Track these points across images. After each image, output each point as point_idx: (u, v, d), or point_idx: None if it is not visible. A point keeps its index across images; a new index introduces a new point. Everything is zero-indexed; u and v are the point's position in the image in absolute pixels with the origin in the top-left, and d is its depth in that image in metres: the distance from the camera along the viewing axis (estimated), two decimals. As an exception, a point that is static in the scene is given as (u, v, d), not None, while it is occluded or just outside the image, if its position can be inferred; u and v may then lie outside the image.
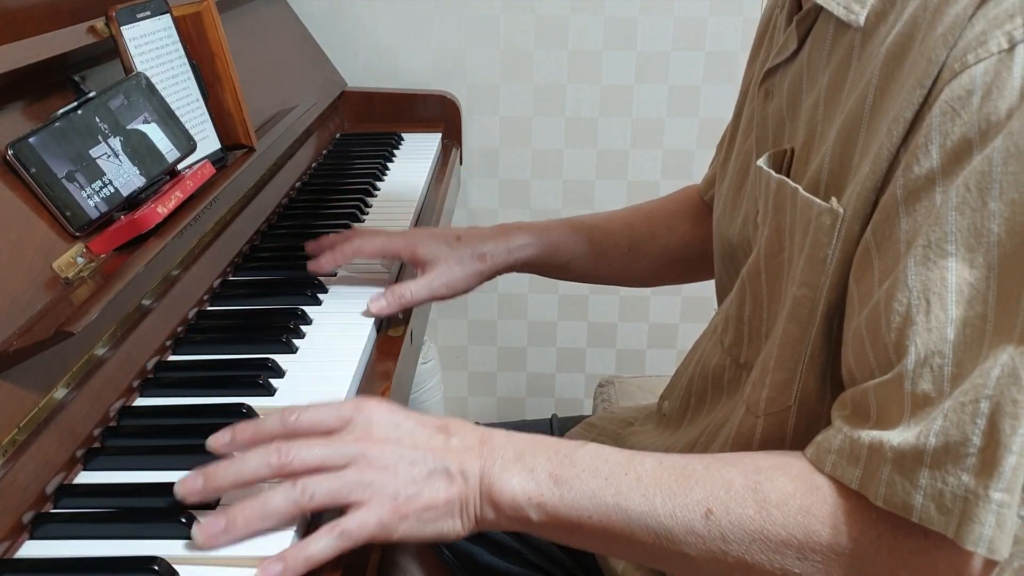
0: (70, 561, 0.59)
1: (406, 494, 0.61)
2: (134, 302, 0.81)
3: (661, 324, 1.90)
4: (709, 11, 1.68)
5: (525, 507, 0.61)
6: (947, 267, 0.53)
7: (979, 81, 0.52)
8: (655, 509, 0.59)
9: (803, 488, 0.58)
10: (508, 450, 0.63)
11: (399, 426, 0.64)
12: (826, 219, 0.61)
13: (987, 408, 0.51)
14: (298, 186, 1.31)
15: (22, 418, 0.64)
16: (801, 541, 0.56)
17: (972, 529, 0.51)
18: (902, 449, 0.53)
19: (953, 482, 0.52)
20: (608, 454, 0.63)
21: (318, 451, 0.61)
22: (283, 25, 1.54)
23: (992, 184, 0.51)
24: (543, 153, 1.78)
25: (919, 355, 0.53)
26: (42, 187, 0.75)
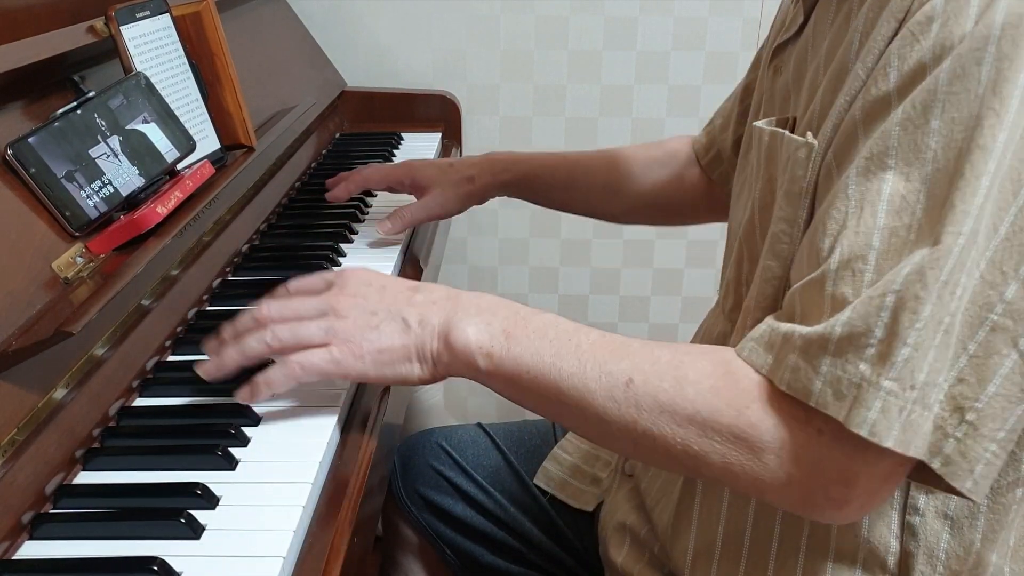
0: (70, 561, 0.59)
1: (361, 337, 0.69)
2: (134, 302, 0.81)
3: (661, 324, 1.90)
4: (709, 11, 1.68)
5: (475, 354, 0.67)
6: (884, 179, 0.55)
7: (939, 8, 0.55)
8: (584, 372, 0.63)
9: (720, 371, 0.61)
10: (471, 305, 0.69)
11: (370, 284, 0.72)
12: (801, 152, 0.63)
13: (891, 302, 0.53)
14: (298, 186, 1.31)
15: (22, 418, 0.64)
16: (705, 418, 0.59)
17: (859, 413, 0.54)
18: (809, 337, 0.56)
19: (851, 370, 0.54)
20: (560, 323, 0.68)
21: (295, 304, 0.72)
22: (283, 25, 1.54)
23: (935, 102, 0.54)
24: (543, 153, 1.78)
25: (843, 256, 0.56)
26: (41, 187, 0.75)
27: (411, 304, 0.70)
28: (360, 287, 0.72)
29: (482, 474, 1.01)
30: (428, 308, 0.70)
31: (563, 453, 1.01)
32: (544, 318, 0.68)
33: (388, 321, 0.69)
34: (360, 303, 0.70)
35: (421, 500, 1.02)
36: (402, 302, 0.70)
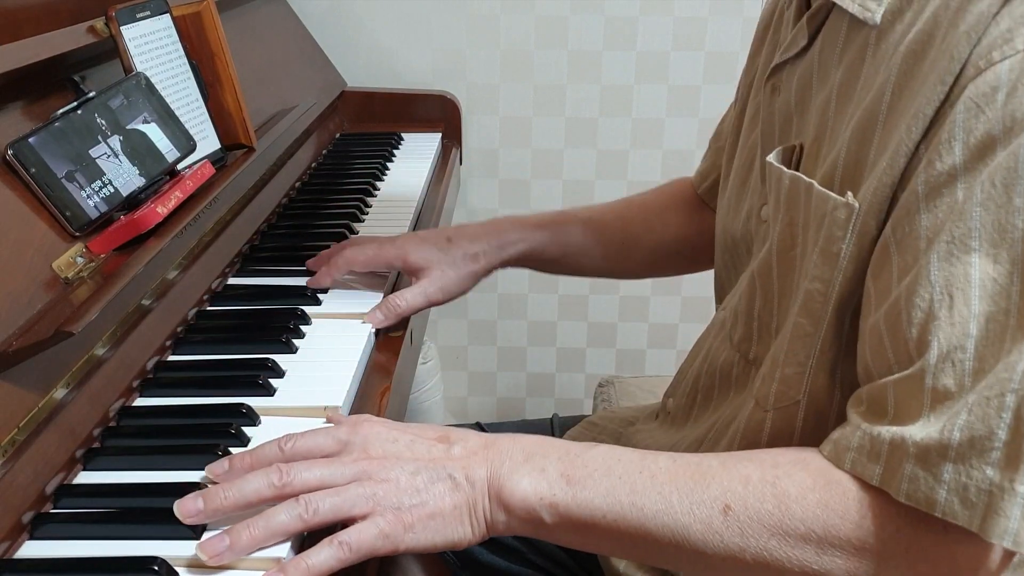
0: (70, 561, 0.59)
1: (410, 503, 0.60)
2: (134, 302, 0.81)
3: (661, 324, 1.90)
4: (709, 11, 1.68)
5: (537, 508, 0.61)
6: (970, 263, 0.53)
7: (1004, 78, 0.52)
8: (672, 507, 0.59)
9: (822, 483, 0.57)
10: (516, 452, 0.63)
11: (397, 441, 0.64)
12: (841, 213, 0.61)
13: (1012, 402, 0.50)
14: (298, 186, 1.31)
15: (22, 418, 0.64)
16: (820, 536, 0.56)
17: (997, 523, 0.51)
18: (925, 444, 0.53)
19: (978, 476, 0.52)
20: (620, 453, 0.62)
21: (319, 471, 0.61)
22: (283, 25, 1.54)
23: (1018, 180, 0.51)
24: (543, 153, 1.78)
25: (941, 350, 0.53)
26: (42, 187, 0.75)
27: (450, 458, 0.63)
28: (386, 444, 0.63)
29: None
30: (470, 462, 0.62)
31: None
32: (600, 451, 0.63)
33: (435, 482, 0.61)
34: (396, 465, 0.62)
35: (421, 500, 1.02)
36: (439, 457, 0.63)
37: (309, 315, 0.91)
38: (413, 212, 1.25)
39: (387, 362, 0.87)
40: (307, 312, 0.91)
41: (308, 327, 0.90)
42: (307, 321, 0.90)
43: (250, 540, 0.59)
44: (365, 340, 0.87)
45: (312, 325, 0.90)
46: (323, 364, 0.83)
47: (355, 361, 0.83)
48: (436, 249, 0.96)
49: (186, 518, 0.60)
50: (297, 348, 0.85)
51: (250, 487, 0.61)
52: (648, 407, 1.01)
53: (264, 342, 0.85)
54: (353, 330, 0.89)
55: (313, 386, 0.79)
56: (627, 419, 1.02)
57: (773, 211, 0.70)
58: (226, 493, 0.60)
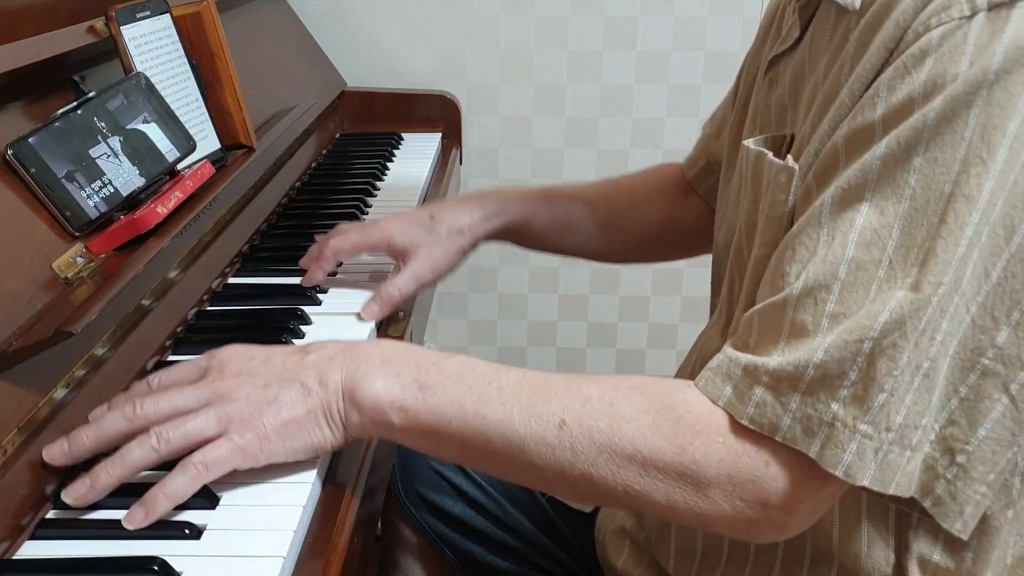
0: (70, 561, 0.59)
1: (261, 415, 0.61)
2: (134, 302, 0.81)
3: (661, 324, 1.90)
4: (709, 11, 1.68)
5: (387, 410, 0.62)
6: (859, 210, 0.55)
7: (935, 43, 0.54)
8: (512, 418, 0.60)
9: (658, 406, 0.59)
10: (374, 356, 0.64)
11: (252, 359, 0.65)
12: (782, 176, 0.62)
13: (868, 348, 0.53)
14: (298, 186, 1.31)
15: (22, 418, 0.64)
16: (645, 457, 0.57)
17: (834, 453, 0.54)
18: (778, 373, 0.55)
19: (822, 408, 0.54)
20: (476, 365, 0.63)
21: (170, 397, 0.63)
22: (283, 25, 1.54)
23: (920, 140, 0.53)
24: (543, 153, 1.78)
25: (808, 283, 0.56)
26: (42, 187, 0.75)
27: (304, 366, 0.64)
28: (242, 363, 0.64)
29: (481, 475, 1.01)
30: (326, 366, 0.63)
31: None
32: (457, 361, 0.64)
33: (285, 389, 0.62)
34: (246, 380, 0.63)
35: (420, 500, 1.02)
36: (294, 366, 0.64)
37: (309, 315, 0.91)
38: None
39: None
40: (307, 312, 0.91)
41: (308, 327, 0.90)
42: (307, 321, 0.90)
43: (109, 478, 0.60)
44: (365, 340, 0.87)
45: (312, 325, 0.90)
46: None
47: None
48: (420, 228, 0.94)
49: (53, 461, 0.62)
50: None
51: (107, 423, 0.62)
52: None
53: (264, 342, 0.85)
54: (353, 330, 0.89)
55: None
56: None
57: (743, 192, 0.71)
58: (87, 433, 0.62)
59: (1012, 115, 0.51)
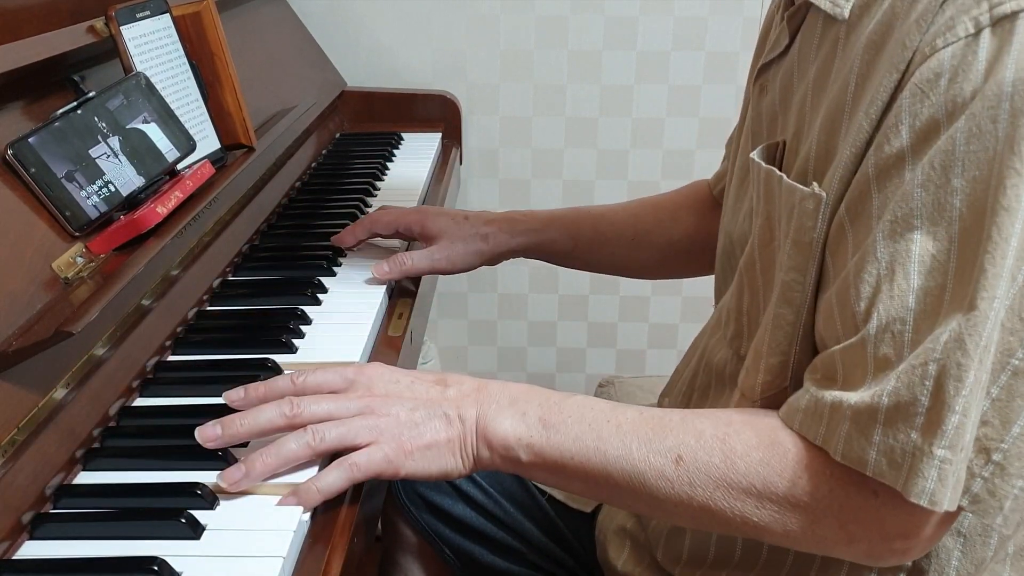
0: (70, 561, 0.59)
1: (409, 434, 0.67)
2: (134, 302, 0.81)
3: (661, 324, 1.90)
4: (709, 11, 1.68)
5: (515, 447, 0.67)
6: (912, 239, 0.56)
7: (947, 64, 0.55)
8: (631, 453, 0.64)
9: (766, 442, 0.62)
10: (503, 396, 0.69)
11: (398, 382, 0.71)
12: (809, 204, 0.63)
13: (934, 371, 0.54)
14: (298, 186, 1.31)
15: (22, 418, 0.64)
16: (759, 491, 0.61)
17: (917, 483, 0.55)
18: (859, 408, 0.57)
19: (903, 439, 0.55)
20: (594, 404, 0.68)
21: (327, 404, 0.68)
22: (283, 25, 1.54)
23: (955, 162, 0.54)
24: (543, 153, 1.78)
25: (881, 321, 0.57)
26: (41, 187, 0.75)
27: (446, 399, 0.69)
28: (389, 384, 0.71)
29: (481, 474, 1.01)
30: (462, 402, 0.69)
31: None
32: (576, 401, 0.68)
33: (431, 418, 0.68)
34: (395, 401, 0.69)
35: (420, 500, 1.02)
36: (436, 397, 0.70)
37: (309, 315, 0.91)
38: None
39: (387, 362, 0.87)
40: (307, 312, 0.91)
41: (308, 327, 0.90)
42: (307, 321, 0.90)
43: (263, 467, 0.65)
44: (365, 340, 0.87)
45: (312, 325, 0.90)
46: (323, 364, 0.83)
47: (355, 361, 0.83)
48: (452, 222, 1.02)
49: (206, 443, 0.67)
50: (297, 348, 0.85)
51: (264, 416, 0.67)
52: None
53: (264, 342, 0.85)
54: (353, 331, 0.89)
55: (313, 386, 0.79)
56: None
57: (755, 207, 0.72)
58: (242, 421, 0.67)
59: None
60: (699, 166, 1.77)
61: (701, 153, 1.77)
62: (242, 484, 0.65)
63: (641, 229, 1.05)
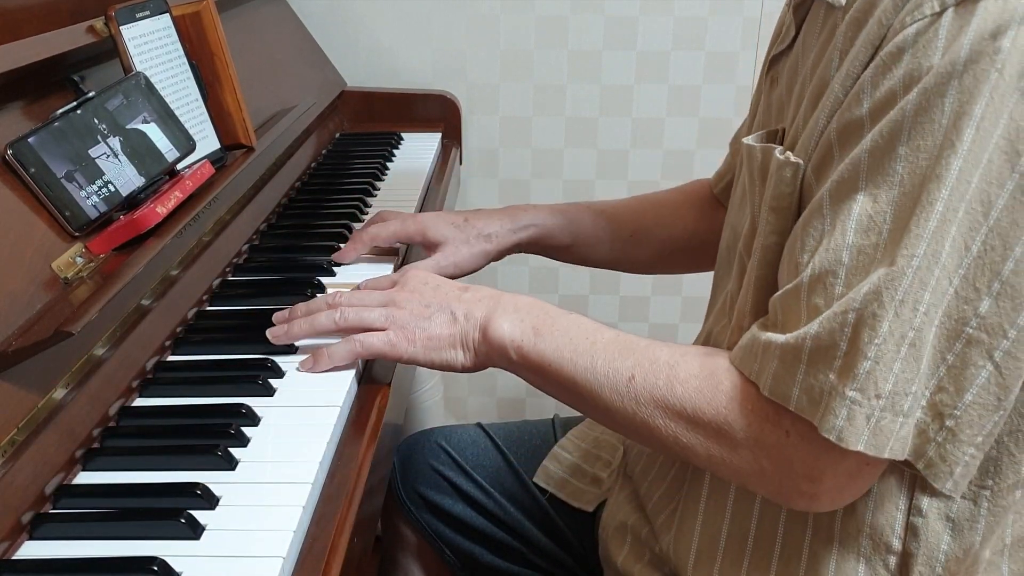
0: (70, 561, 0.59)
1: (415, 325, 0.78)
2: (133, 302, 0.81)
3: (661, 324, 1.90)
4: (709, 11, 1.68)
5: (507, 346, 0.75)
6: (855, 199, 0.59)
7: (910, 40, 0.57)
8: (595, 367, 0.71)
9: (706, 372, 0.67)
10: (510, 304, 0.78)
11: (427, 283, 0.82)
12: (787, 171, 0.66)
13: (852, 319, 0.58)
14: (298, 186, 1.31)
15: (22, 418, 0.64)
16: (690, 415, 0.66)
17: (827, 419, 0.59)
18: (785, 347, 0.61)
19: (822, 379, 0.59)
20: (584, 323, 0.75)
21: (360, 295, 0.83)
22: (283, 25, 1.54)
23: (902, 131, 0.57)
24: (543, 153, 1.78)
25: (815, 271, 0.61)
26: (41, 187, 0.75)
27: (460, 300, 0.79)
28: (418, 284, 0.82)
29: (482, 474, 1.01)
30: (474, 304, 0.78)
31: (563, 452, 1.01)
32: (570, 318, 0.75)
33: (439, 313, 0.78)
34: (416, 297, 0.80)
35: (421, 500, 1.02)
36: (452, 298, 0.79)
37: (309, 315, 0.91)
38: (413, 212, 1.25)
39: (387, 362, 0.87)
40: (307, 312, 0.91)
41: (308, 327, 0.90)
42: (307, 321, 0.90)
43: (299, 330, 0.82)
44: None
45: (312, 325, 0.90)
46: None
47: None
48: (453, 226, 1.03)
49: (276, 340, 0.82)
50: (297, 348, 0.85)
51: (319, 322, 0.81)
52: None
53: (264, 342, 0.85)
54: (353, 330, 0.89)
55: (313, 386, 0.79)
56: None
57: (749, 189, 0.73)
58: (302, 325, 0.82)
59: (978, 99, 0.54)
60: (699, 166, 1.77)
61: (701, 153, 1.76)
62: (282, 339, 0.82)
63: (642, 226, 1.06)
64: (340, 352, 0.79)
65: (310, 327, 0.81)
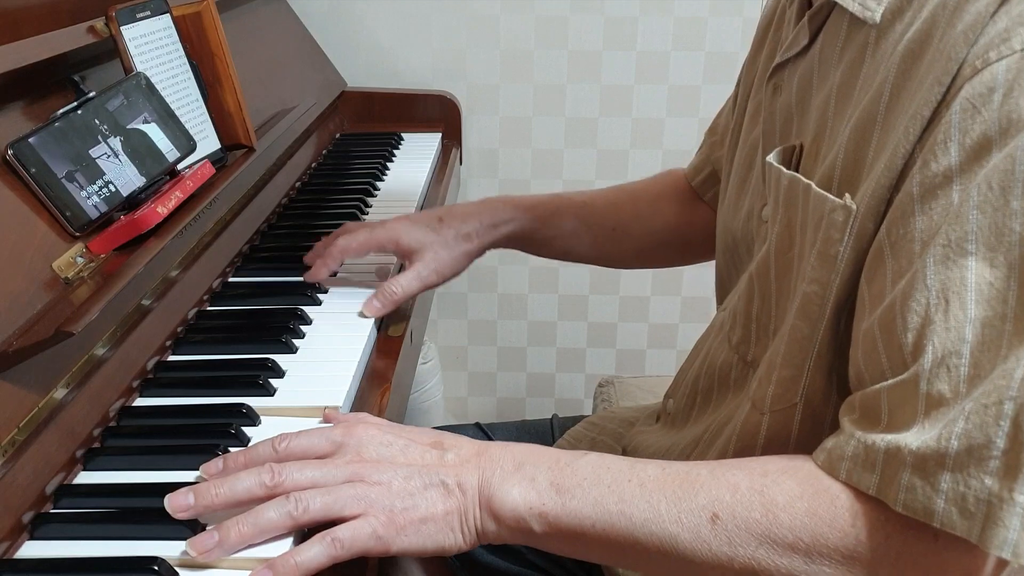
0: (70, 561, 0.59)
1: (402, 506, 0.61)
2: (134, 302, 0.81)
3: (661, 324, 1.90)
4: (709, 11, 1.68)
5: (527, 517, 0.61)
6: (967, 266, 0.52)
7: (1001, 78, 0.51)
8: (660, 515, 0.58)
9: (810, 491, 0.57)
10: (507, 460, 0.63)
11: (391, 445, 0.64)
12: (839, 215, 0.60)
13: (1011, 409, 0.50)
14: (298, 186, 1.31)
15: (22, 418, 0.64)
16: (808, 544, 0.56)
17: (996, 533, 0.50)
18: (922, 452, 0.52)
19: (976, 486, 0.51)
20: (610, 462, 0.62)
21: (311, 472, 0.61)
22: (283, 25, 1.54)
23: (1015, 183, 0.50)
24: (543, 153, 1.78)
25: (936, 355, 0.52)
26: (42, 187, 0.75)
27: (443, 465, 0.63)
28: (380, 448, 0.64)
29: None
30: (462, 469, 0.63)
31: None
32: (590, 460, 0.63)
33: (427, 487, 0.62)
34: (389, 469, 0.62)
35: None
36: (434, 463, 0.63)
37: (309, 315, 0.91)
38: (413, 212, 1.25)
39: (387, 362, 0.87)
40: (307, 312, 0.91)
41: (308, 327, 0.90)
42: (307, 321, 0.90)
43: (239, 537, 0.59)
44: (365, 340, 0.87)
45: (312, 325, 0.90)
46: (323, 364, 0.83)
47: (355, 361, 0.83)
48: (428, 230, 0.95)
49: (176, 513, 0.60)
50: (297, 348, 0.85)
51: (241, 485, 0.61)
52: (648, 407, 1.01)
53: (264, 342, 0.85)
54: (353, 330, 0.89)
55: (313, 386, 0.79)
56: (627, 419, 1.02)
57: (772, 212, 0.70)
58: (217, 490, 0.61)
59: None
60: (699, 166, 1.77)
61: (701, 153, 1.77)
62: (214, 554, 0.58)
63: (621, 220, 1.02)
64: (313, 558, 0.58)
65: (254, 528, 0.59)
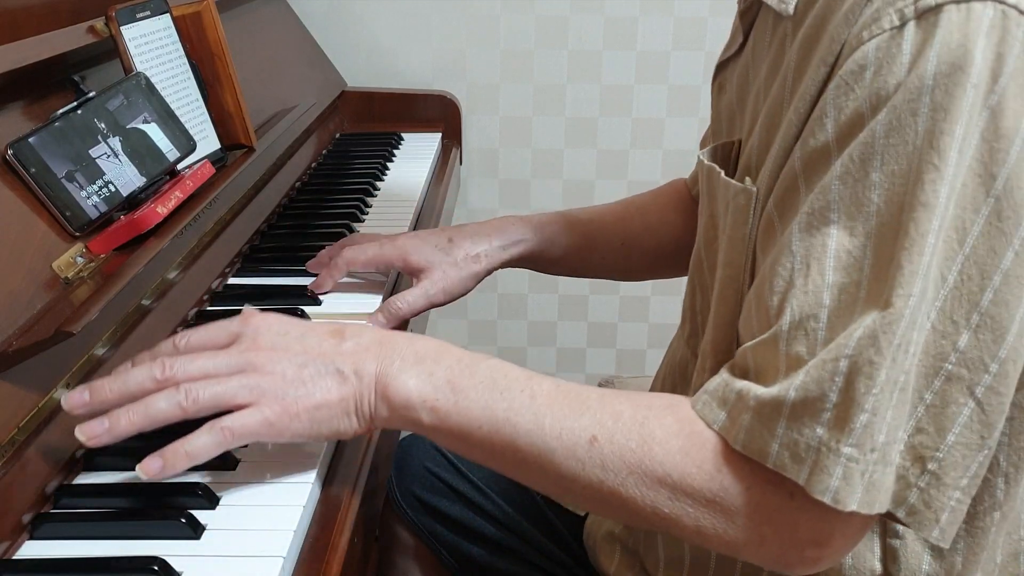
0: (70, 561, 0.59)
1: (295, 395, 0.61)
2: (134, 302, 0.81)
3: (661, 324, 1.90)
4: (709, 11, 1.68)
5: (418, 408, 0.62)
6: (829, 234, 0.54)
7: (871, 57, 0.53)
8: (543, 428, 0.59)
9: (687, 431, 0.58)
10: (409, 352, 0.64)
11: (287, 334, 0.65)
12: (741, 199, 0.62)
13: (845, 367, 0.52)
14: (298, 186, 1.31)
15: (22, 418, 0.64)
16: (675, 481, 0.57)
17: (821, 479, 0.53)
18: (764, 399, 0.55)
19: (808, 434, 0.53)
20: (509, 370, 0.63)
21: (202, 362, 0.62)
22: (283, 25, 1.54)
23: (874, 155, 0.53)
24: (543, 153, 1.78)
25: (794, 317, 0.55)
26: (42, 187, 0.75)
27: (340, 352, 0.63)
28: (276, 337, 0.64)
29: (477, 475, 1.01)
30: (360, 356, 0.63)
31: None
32: (491, 364, 0.64)
33: (320, 374, 0.62)
34: (282, 356, 0.62)
35: (417, 502, 1.02)
36: (330, 351, 0.63)
37: (310, 315, 0.91)
38: (413, 212, 1.25)
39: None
40: (307, 313, 0.91)
41: (308, 327, 0.90)
42: (307, 321, 0.90)
43: (128, 424, 0.60)
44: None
45: (312, 325, 0.90)
46: None
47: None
48: (437, 249, 0.95)
49: (73, 410, 0.61)
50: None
51: (134, 379, 0.61)
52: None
53: (264, 342, 0.85)
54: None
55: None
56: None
57: (701, 204, 0.71)
58: (111, 385, 0.61)
59: (957, 117, 0.51)
60: (699, 166, 1.77)
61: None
62: (103, 439, 0.59)
63: (630, 235, 1.03)
64: (202, 446, 0.60)
65: (145, 417, 0.59)
